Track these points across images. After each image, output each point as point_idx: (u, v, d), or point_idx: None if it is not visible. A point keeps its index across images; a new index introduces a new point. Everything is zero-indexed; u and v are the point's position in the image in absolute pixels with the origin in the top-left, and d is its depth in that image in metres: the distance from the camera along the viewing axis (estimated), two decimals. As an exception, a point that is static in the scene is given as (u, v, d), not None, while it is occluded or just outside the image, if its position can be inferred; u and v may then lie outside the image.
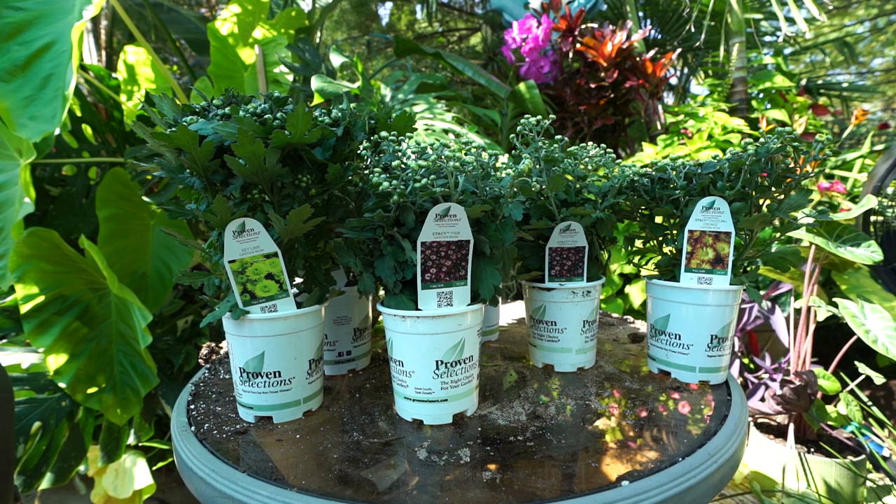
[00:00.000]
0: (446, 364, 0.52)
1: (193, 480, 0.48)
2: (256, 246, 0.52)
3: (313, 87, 1.32)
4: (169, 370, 1.21)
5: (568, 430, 0.52)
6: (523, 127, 0.65)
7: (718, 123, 1.78)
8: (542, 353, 0.70)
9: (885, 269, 1.45)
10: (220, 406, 0.60)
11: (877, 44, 5.45)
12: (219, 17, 1.49)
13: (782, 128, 0.59)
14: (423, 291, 0.51)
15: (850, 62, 3.57)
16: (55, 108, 0.84)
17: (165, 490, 1.37)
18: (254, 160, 0.49)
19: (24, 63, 0.88)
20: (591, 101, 2.02)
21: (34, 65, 0.88)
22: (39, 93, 0.86)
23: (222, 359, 0.77)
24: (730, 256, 0.61)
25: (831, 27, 4.72)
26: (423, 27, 4.63)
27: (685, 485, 0.43)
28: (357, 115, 0.60)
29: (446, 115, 1.42)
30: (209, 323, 0.53)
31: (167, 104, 0.55)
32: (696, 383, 0.64)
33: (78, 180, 1.11)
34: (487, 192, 0.54)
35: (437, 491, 0.42)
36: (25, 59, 0.88)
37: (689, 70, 2.90)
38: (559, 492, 0.41)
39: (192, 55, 2.73)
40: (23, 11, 0.90)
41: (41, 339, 0.96)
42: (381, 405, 0.60)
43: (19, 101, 0.85)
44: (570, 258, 0.67)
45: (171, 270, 1.17)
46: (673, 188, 0.64)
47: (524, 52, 2.10)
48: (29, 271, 0.95)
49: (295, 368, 0.55)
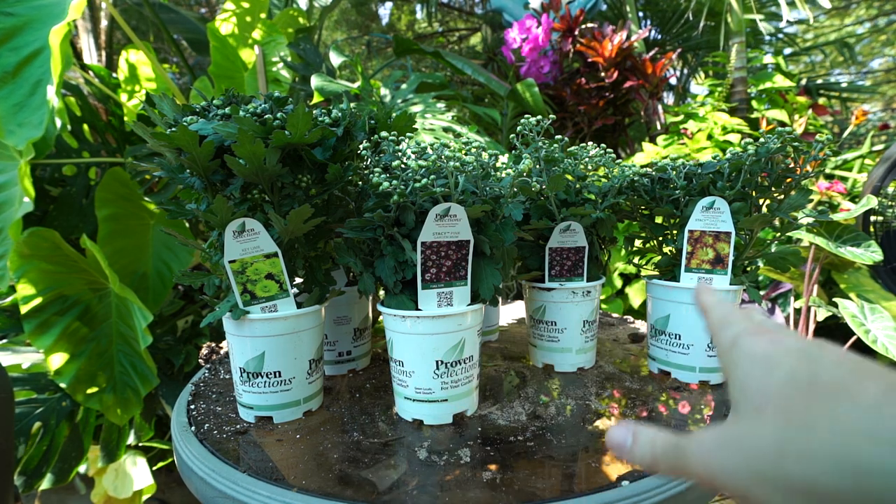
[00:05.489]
0: (446, 364, 0.52)
1: (193, 480, 0.48)
2: (256, 246, 0.52)
3: (313, 85, 1.32)
4: (169, 370, 1.21)
5: (568, 430, 0.52)
6: (523, 127, 0.65)
7: (718, 123, 1.78)
8: (542, 353, 0.70)
9: (885, 269, 1.45)
10: (220, 406, 0.60)
11: (877, 44, 5.45)
12: (218, 18, 1.49)
13: (782, 128, 0.59)
14: (423, 291, 0.51)
15: (850, 62, 3.57)
16: (42, 114, 0.84)
17: (165, 490, 1.37)
18: (254, 160, 0.49)
19: (14, 69, 0.87)
20: (591, 101, 2.02)
21: (24, 71, 0.88)
22: (28, 99, 0.86)
23: (222, 359, 0.77)
24: (730, 256, 0.61)
25: (831, 27, 4.72)
26: (423, 27, 4.63)
27: (685, 485, 0.43)
28: (357, 114, 0.60)
29: (446, 115, 1.42)
30: (209, 323, 0.53)
31: (167, 104, 0.55)
32: (696, 383, 0.64)
33: (78, 180, 1.11)
34: (487, 192, 0.54)
35: (437, 491, 0.42)
36: (15, 65, 0.88)
37: (689, 70, 2.90)
38: (559, 492, 0.41)
39: (191, 55, 2.73)
40: (13, 17, 0.90)
41: (41, 340, 0.96)
42: (381, 405, 0.60)
43: (9, 108, 0.85)
44: (570, 258, 0.67)
45: (171, 270, 1.17)
46: (673, 188, 0.64)
47: (524, 52, 2.10)
48: (29, 271, 0.95)
49: (295, 368, 0.55)
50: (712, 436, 0.20)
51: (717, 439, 0.20)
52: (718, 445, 0.20)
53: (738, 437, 0.19)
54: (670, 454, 0.21)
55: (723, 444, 0.19)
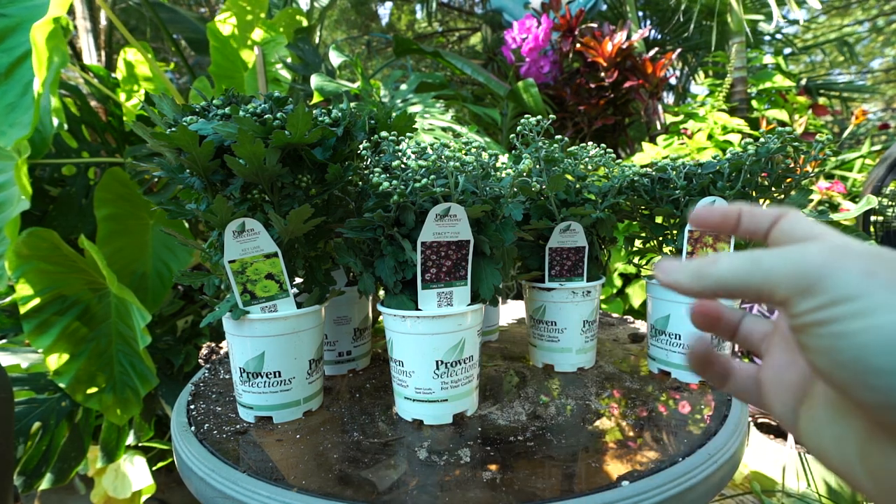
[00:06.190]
0: (446, 364, 0.52)
1: (193, 480, 0.48)
2: (256, 246, 0.52)
3: (313, 85, 1.32)
4: (169, 370, 1.21)
5: (568, 430, 0.52)
6: (523, 127, 0.65)
7: (718, 123, 1.78)
8: (542, 353, 0.70)
9: (884, 269, 1.45)
10: (220, 406, 0.60)
11: (877, 44, 5.45)
12: (218, 18, 1.49)
13: (782, 128, 0.59)
14: (423, 291, 0.51)
15: (850, 62, 3.56)
16: (31, 114, 0.84)
17: (165, 490, 1.36)
18: (254, 160, 0.49)
19: (7, 70, 0.87)
20: (590, 101, 2.02)
21: (16, 71, 0.87)
22: (20, 99, 0.86)
23: (222, 359, 0.77)
24: (730, 256, 0.61)
25: (831, 27, 4.72)
26: (422, 27, 4.63)
27: (685, 485, 0.43)
28: (357, 114, 0.60)
29: (446, 115, 1.42)
30: (209, 323, 0.53)
31: (167, 104, 0.55)
32: (696, 383, 0.64)
33: (77, 180, 1.11)
34: (487, 192, 0.54)
35: (437, 491, 0.42)
36: (8, 66, 0.87)
37: (689, 70, 2.90)
38: (559, 492, 0.41)
39: (191, 55, 2.73)
40: (6, 18, 0.90)
41: (41, 340, 0.96)
42: (381, 405, 0.59)
43: (2, 109, 0.85)
44: (570, 258, 0.67)
45: (170, 270, 1.17)
46: (673, 188, 0.64)
47: (524, 52, 2.10)
48: (28, 272, 0.95)
49: (295, 368, 0.55)
50: (838, 240, 0.19)
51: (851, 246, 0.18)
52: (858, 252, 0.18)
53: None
54: (769, 255, 0.19)
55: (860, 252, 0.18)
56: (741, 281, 0.20)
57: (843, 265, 0.17)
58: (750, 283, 0.19)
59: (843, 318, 0.17)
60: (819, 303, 0.17)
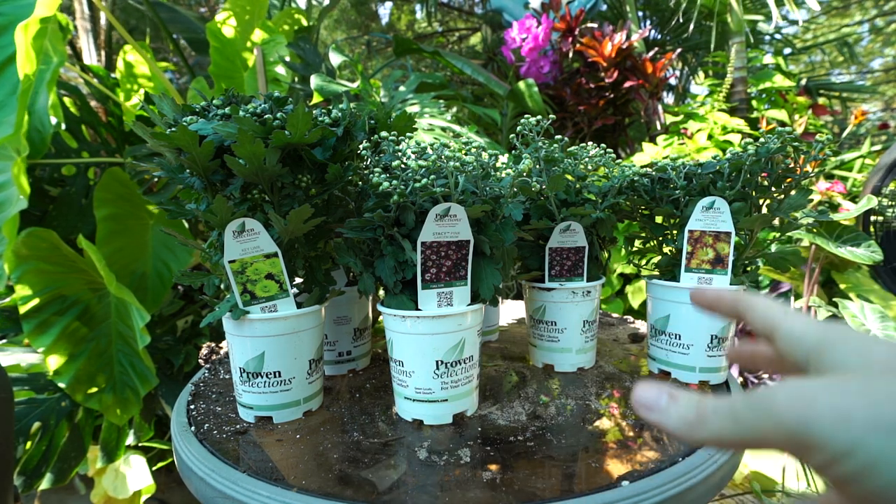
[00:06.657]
0: (446, 364, 0.52)
1: (193, 480, 0.48)
2: (256, 246, 0.52)
3: (312, 85, 1.32)
4: (169, 370, 1.21)
5: (568, 430, 0.52)
6: (523, 127, 0.65)
7: (718, 123, 1.78)
8: (542, 353, 0.70)
9: (885, 269, 1.45)
10: (220, 406, 0.60)
11: (876, 44, 5.45)
12: (218, 18, 1.49)
13: (782, 128, 0.59)
14: (423, 291, 0.51)
15: (850, 62, 3.57)
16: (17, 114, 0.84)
17: (165, 490, 1.36)
18: (254, 160, 0.49)
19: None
20: (590, 101, 2.02)
21: (6, 71, 0.88)
22: (9, 98, 0.86)
23: (222, 359, 0.77)
24: (730, 256, 0.61)
25: (831, 27, 4.72)
26: (422, 27, 4.63)
27: (685, 485, 0.43)
28: (357, 114, 0.60)
29: (446, 115, 1.42)
30: (209, 323, 0.53)
31: (167, 104, 0.55)
32: (696, 383, 0.64)
33: (77, 180, 1.11)
34: (487, 192, 0.54)
35: (437, 491, 0.42)
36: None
37: (689, 70, 2.90)
38: (559, 492, 0.41)
39: (191, 55, 2.73)
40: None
41: (41, 340, 0.96)
42: (381, 405, 0.59)
43: None
44: (570, 258, 0.67)
45: (170, 270, 1.17)
46: (673, 188, 0.64)
47: (524, 52, 2.10)
48: (28, 272, 0.95)
49: (295, 368, 0.55)
50: (805, 383, 0.18)
51: (816, 386, 0.17)
52: (824, 389, 0.17)
53: (846, 383, 0.17)
54: (745, 409, 0.19)
55: (827, 388, 0.17)
56: (736, 440, 0.19)
57: (817, 413, 0.17)
58: (745, 440, 0.19)
59: (860, 477, 0.16)
60: (824, 461, 0.17)
